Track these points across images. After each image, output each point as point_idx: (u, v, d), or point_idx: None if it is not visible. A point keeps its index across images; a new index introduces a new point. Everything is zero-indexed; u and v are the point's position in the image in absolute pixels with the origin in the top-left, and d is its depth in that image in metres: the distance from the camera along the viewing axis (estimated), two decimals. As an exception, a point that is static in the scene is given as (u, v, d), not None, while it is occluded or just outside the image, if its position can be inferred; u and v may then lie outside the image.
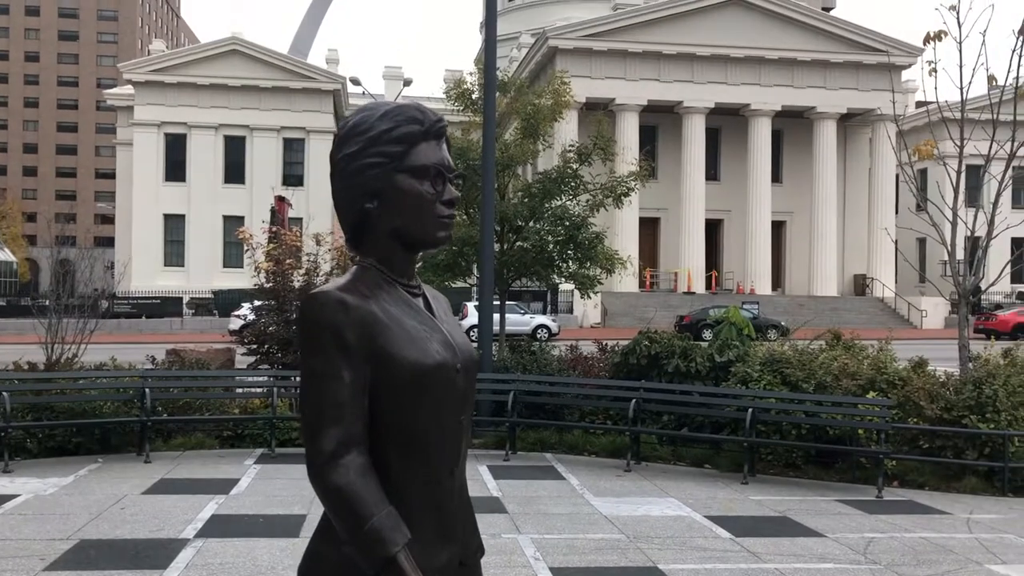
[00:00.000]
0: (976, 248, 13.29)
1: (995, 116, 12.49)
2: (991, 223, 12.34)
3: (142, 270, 54.80)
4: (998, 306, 45.01)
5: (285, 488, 10.18)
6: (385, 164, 1.99)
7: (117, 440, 12.41)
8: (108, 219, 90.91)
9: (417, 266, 2.17)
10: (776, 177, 54.55)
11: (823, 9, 64.52)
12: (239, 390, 13.88)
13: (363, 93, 53.64)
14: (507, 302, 19.87)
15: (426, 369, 1.94)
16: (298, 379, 14.01)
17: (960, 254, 13.31)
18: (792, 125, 55.09)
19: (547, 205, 17.07)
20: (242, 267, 49.92)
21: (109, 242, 74.46)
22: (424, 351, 1.95)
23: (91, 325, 14.62)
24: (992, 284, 13.67)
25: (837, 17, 56.12)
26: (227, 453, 12.44)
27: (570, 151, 17.67)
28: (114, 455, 12.10)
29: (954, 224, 12.91)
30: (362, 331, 1.88)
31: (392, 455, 1.93)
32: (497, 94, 15.62)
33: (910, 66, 52.70)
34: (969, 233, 13.08)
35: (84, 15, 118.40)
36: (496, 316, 16.61)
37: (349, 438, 1.85)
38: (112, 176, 78.01)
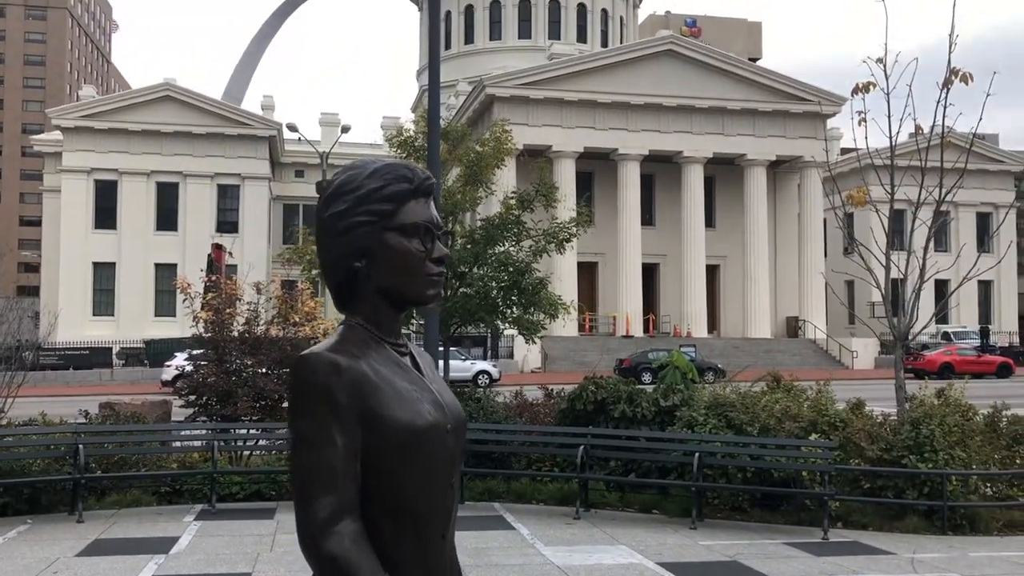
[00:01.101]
0: (904, 291, 13.69)
1: (923, 164, 12.97)
2: (923, 267, 12.74)
3: (70, 320, 53.15)
4: (924, 346, 46.38)
5: (228, 545, 9.86)
6: (374, 223, 1.97)
7: (48, 499, 11.90)
8: (33, 268, 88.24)
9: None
10: (709, 222, 55.71)
11: (749, 59, 66.73)
12: (177, 444, 13.48)
13: (299, 139, 53.37)
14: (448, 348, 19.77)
15: (418, 431, 1.90)
16: (238, 431, 13.69)
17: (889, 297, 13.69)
18: (724, 171, 56.47)
19: (491, 251, 17.12)
20: (174, 316, 48.90)
21: (34, 291, 72.20)
22: (416, 412, 1.91)
23: (18, 378, 14.09)
24: (926, 326, 14.07)
25: (764, 68, 58.02)
26: (165, 510, 12.03)
27: (512, 198, 17.80)
28: (44, 515, 11.60)
29: (887, 269, 13.30)
30: (354, 393, 1.84)
31: (383, 520, 1.88)
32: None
33: (835, 114, 54.64)
34: (901, 276, 13.47)
35: (10, 60, 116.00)
36: (440, 363, 16.50)
37: (342, 505, 1.79)
38: (38, 223, 75.89)
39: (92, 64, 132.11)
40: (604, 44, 70.63)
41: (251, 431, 13.97)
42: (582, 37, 72.42)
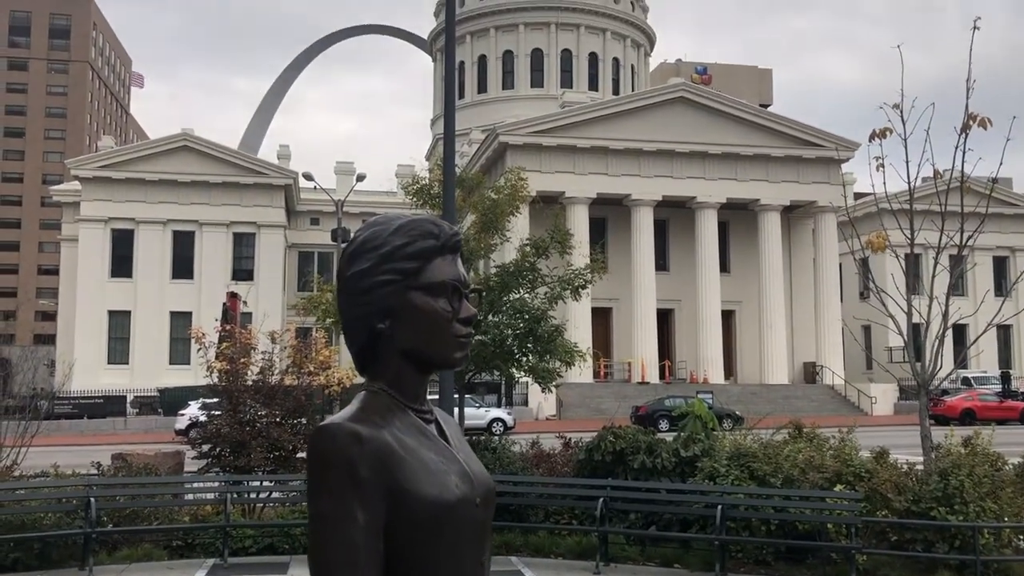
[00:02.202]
0: (924, 336, 13.46)
1: (943, 209, 12.84)
2: (946, 313, 12.54)
3: (85, 368, 53.21)
4: (945, 392, 45.72)
5: (240, 602, 9.64)
6: (399, 281, 1.86)
7: (58, 554, 11.72)
8: (50, 316, 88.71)
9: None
10: (724, 267, 55.52)
11: (760, 106, 67.08)
12: (189, 496, 13.30)
13: (315, 188, 53.80)
14: (464, 395, 19.57)
15: (446, 506, 1.76)
16: (251, 483, 13.49)
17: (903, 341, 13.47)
18: (737, 216, 56.42)
19: (506, 298, 17.01)
20: (189, 364, 48.88)
21: (50, 340, 72.46)
22: (443, 486, 1.78)
23: (31, 428, 14.00)
24: (950, 373, 13.81)
25: (776, 114, 58.26)
26: (177, 564, 11.81)
27: (527, 244, 17.74)
28: (54, 570, 11.41)
29: (909, 314, 13.09)
30: (377, 465, 1.71)
31: (407, 602, 1.73)
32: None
33: (848, 160, 54.67)
34: (923, 322, 13.25)
35: (32, 112, 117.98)
36: (455, 411, 16.30)
37: (365, 586, 1.65)
38: (55, 272, 76.51)
39: (111, 115, 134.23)
40: (616, 92, 71.25)
41: (264, 483, 13.78)
42: (594, 85, 73.11)
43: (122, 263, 57.24)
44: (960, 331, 48.95)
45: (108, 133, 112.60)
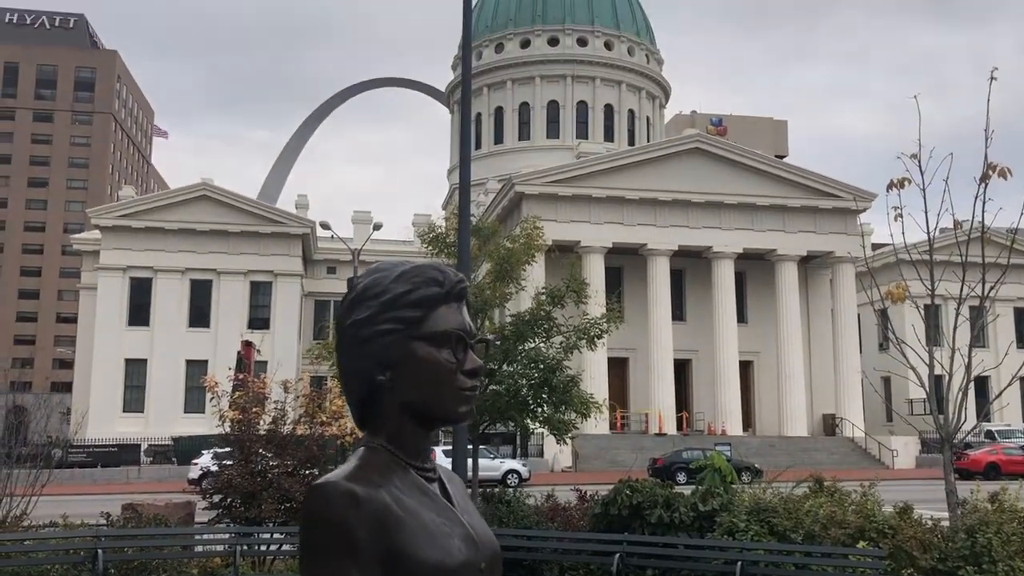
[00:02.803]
0: (947, 388, 13.21)
1: (964, 259, 12.68)
2: (969, 365, 12.30)
3: (100, 416, 53.24)
4: (968, 445, 44.92)
5: (246, 659, 9.40)
6: (400, 331, 1.76)
7: (64, 606, 11.53)
8: (67, 364, 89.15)
9: None
10: (741, 317, 55.17)
11: (776, 156, 67.25)
12: (198, 548, 13.10)
13: (332, 237, 54.12)
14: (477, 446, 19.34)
15: (448, 571, 1.65)
16: (262, 535, 13.27)
17: (924, 393, 13.21)
18: (754, 267, 56.21)
19: (520, 347, 16.88)
20: (203, 412, 48.73)
21: (67, 387, 72.67)
22: (445, 550, 1.66)
23: (43, 477, 13.89)
24: (975, 427, 13.51)
25: (792, 164, 58.34)
26: (183, 619, 11.58)
27: (543, 293, 17.66)
28: (59, 623, 11.21)
29: (931, 367, 12.86)
30: (375, 528, 1.60)
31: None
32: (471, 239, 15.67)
33: (865, 210, 54.54)
34: (945, 374, 13.01)
35: (55, 163, 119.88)
36: (468, 462, 16.07)
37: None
38: (74, 320, 77.03)
39: (133, 165, 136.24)
40: (631, 143, 71.68)
41: (275, 535, 13.57)
42: (609, 136, 73.65)
43: (139, 311, 57.55)
44: (982, 383, 48.21)
45: (129, 183, 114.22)
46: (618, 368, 53.31)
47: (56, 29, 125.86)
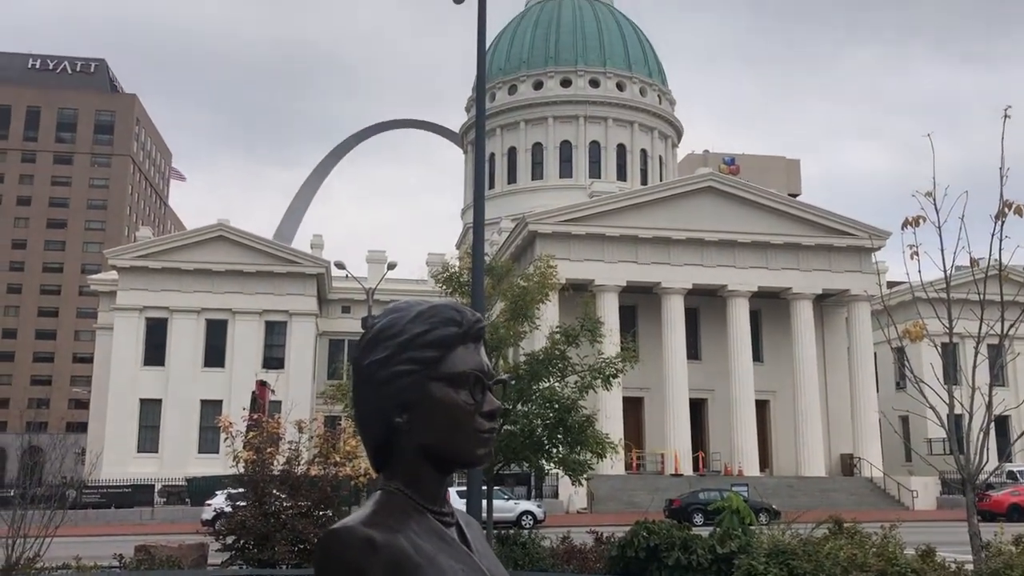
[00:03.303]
0: (967, 428, 13.03)
1: (982, 297, 12.58)
2: (990, 404, 12.15)
3: (114, 456, 53.24)
4: (990, 486, 44.24)
5: None
6: (418, 371, 1.74)
7: (75, 650, 11.42)
8: (83, 404, 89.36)
9: None
10: (757, 356, 54.82)
11: (789, 195, 67.29)
12: (211, 591, 12.98)
13: (347, 276, 54.35)
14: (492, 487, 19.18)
15: (465, 619, 1.61)
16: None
17: (945, 433, 13.03)
18: (769, 305, 55.97)
19: (535, 387, 16.79)
20: (218, 452, 48.65)
21: (82, 427, 72.82)
22: (463, 596, 1.62)
23: (57, 518, 13.84)
24: (997, 468, 13.31)
25: (806, 203, 58.33)
26: (195, 663, 11.44)
27: (558, 332, 17.61)
28: (70, 668, 11.10)
29: (951, 406, 12.71)
30: (392, 574, 1.57)
31: None
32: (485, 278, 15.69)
33: (880, 248, 54.35)
34: (966, 413, 12.84)
35: (74, 204, 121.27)
36: (483, 503, 15.92)
37: None
38: (90, 360, 77.34)
39: (150, 207, 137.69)
40: (644, 182, 71.95)
41: (288, 577, 13.43)
42: (622, 176, 73.95)
43: (155, 351, 57.77)
44: (1002, 423, 47.74)
45: (147, 224, 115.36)
46: (633, 407, 52.96)
47: (78, 74, 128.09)
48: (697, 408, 54.33)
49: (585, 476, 17.55)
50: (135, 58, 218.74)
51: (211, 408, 55.31)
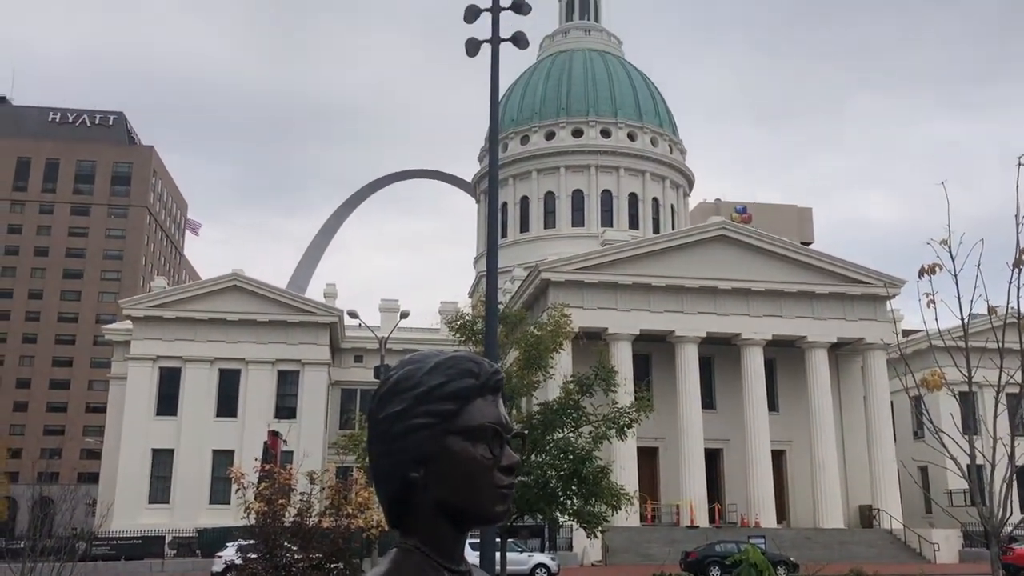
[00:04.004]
0: (988, 479, 12.79)
1: (1001, 345, 12.44)
2: (1012, 455, 11.94)
3: (125, 508, 52.97)
4: (1013, 539, 43.37)
5: None
6: (435, 425, 1.70)
7: None
8: (95, 454, 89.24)
9: None
10: (772, 405, 54.31)
11: (802, 243, 67.26)
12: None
13: (359, 325, 54.42)
14: (505, 540, 18.91)
15: None
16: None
17: (966, 483, 12.79)
18: (784, 354, 55.59)
19: (549, 437, 16.65)
20: (229, 503, 48.35)
21: (94, 478, 72.55)
22: (481, 657, 1.57)
23: (66, 571, 13.72)
24: (1022, 520, 13.04)
25: (819, 251, 58.22)
26: None
27: (571, 381, 17.50)
28: None
29: (972, 456, 12.49)
30: (410, 636, 1.52)
31: None
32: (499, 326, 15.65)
33: (894, 296, 54.07)
34: (987, 464, 12.61)
35: (90, 254, 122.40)
36: (496, 555, 15.68)
37: None
38: (103, 410, 77.35)
39: (166, 257, 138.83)
40: (656, 230, 72.17)
41: (298, 632, 13.23)
42: (634, 224, 74.19)
43: (168, 401, 57.76)
44: (1024, 473, 46.83)
45: (162, 274, 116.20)
46: (648, 458, 52.41)
47: (96, 126, 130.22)
48: (712, 458, 53.71)
49: (600, 528, 17.30)
50: (153, 110, 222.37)
51: (223, 458, 55.10)
